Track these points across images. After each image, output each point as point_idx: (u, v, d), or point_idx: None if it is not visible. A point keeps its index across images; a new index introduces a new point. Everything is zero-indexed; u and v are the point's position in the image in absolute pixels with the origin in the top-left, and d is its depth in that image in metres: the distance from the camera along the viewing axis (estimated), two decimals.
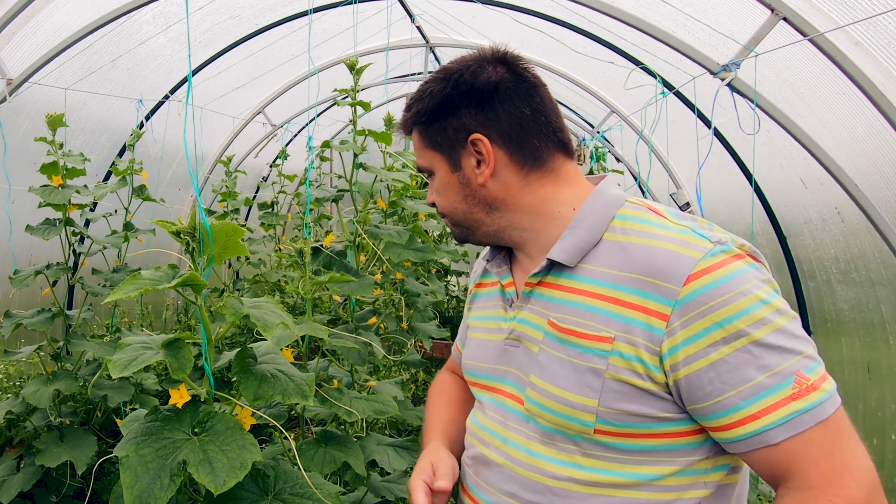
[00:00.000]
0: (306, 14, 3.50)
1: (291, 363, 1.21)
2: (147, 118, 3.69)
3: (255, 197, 5.35)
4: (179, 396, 1.07)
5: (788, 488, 0.79)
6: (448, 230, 5.08)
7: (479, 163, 0.97)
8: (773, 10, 2.08)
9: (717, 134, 2.88)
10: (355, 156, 1.90)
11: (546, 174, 0.98)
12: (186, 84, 2.82)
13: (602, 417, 0.86)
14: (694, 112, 2.84)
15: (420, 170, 1.08)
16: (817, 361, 0.79)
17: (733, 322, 0.78)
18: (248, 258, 4.40)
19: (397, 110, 6.25)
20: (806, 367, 0.78)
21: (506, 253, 1.09)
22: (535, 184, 0.98)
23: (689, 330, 0.80)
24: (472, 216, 1.02)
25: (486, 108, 0.96)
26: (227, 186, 4.27)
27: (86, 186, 2.40)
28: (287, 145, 5.26)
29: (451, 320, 5.63)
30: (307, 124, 5.46)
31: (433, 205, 1.09)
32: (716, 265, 0.81)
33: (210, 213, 4.31)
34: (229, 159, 4.41)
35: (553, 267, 0.95)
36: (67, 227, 2.39)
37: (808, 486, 0.77)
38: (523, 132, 0.96)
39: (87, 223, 3.05)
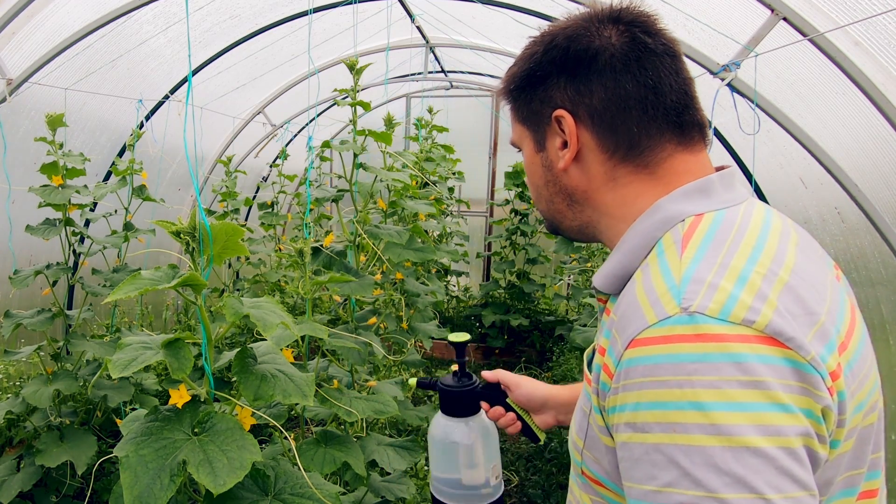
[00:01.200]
0: (306, 14, 3.50)
1: (291, 363, 1.21)
2: (147, 118, 3.69)
3: (255, 197, 5.35)
4: (179, 396, 1.07)
5: None
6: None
7: (564, 144, 0.81)
8: (773, 10, 2.08)
9: (717, 134, 2.88)
10: (355, 156, 1.90)
11: (639, 169, 0.78)
12: (186, 84, 2.82)
13: (585, 461, 0.79)
14: None
15: (514, 145, 0.94)
16: None
17: (644, 412, 0.63)
18: (248, 258, 4.41)
19: (397, 110, 6.27)
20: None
21: None
22: (621, 179, 0.79)
23: (617, 398, 0.67)
24: (554, 206, 0.87)
25: (578, 79, 0.78)
26: (227, 186, 4.27)
27: (86, 186, 2.40)
28: (287, 145, 5.26)
29: (451, 320, 5.63)
30: (307, 124, 5.46)
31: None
32: (660, 339, 0.62)
33: (210, 213, 4.31)
34: (229, 159, 4.41)
35: None
36: (67, 227, 2.39)
37: None
38: (620, 112, 0.77)
39: (87, 223, 3.05)
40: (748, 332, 0.60)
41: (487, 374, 1.22)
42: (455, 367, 1.21)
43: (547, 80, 0.81)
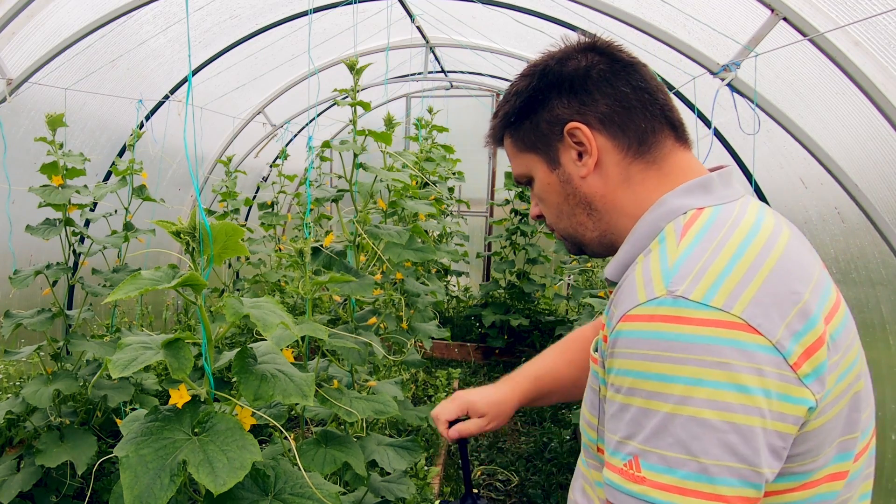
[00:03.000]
0: (306, 14, 3.50)
1: (291, 363, 1.21)
2: (147, 118, 3.69)
3: (255, 197, 5.35)
4: (179, 396, 1.07)
5: None
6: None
7: (580, 155, 0.88)
8: (773, 10, 2.08)
9: (717, 134, 2.88)
10: (355, 156, 1.90)
11: (649, 166, 0.87)
12: (186, 84, 2.82)
13: (601, 437, 0.85)
14: (694, 112, 2.84)
15: (518, 181, 0.99)
16: (670, 471, 0.67)
17: (623, 376, 0.73)
18: (248, 258, 4.41)
19: (397, 110, 6.28)
20: (646, 461, 0.69)
21: None
22: (635, 178, 0.87)
23: (608, 362, 0.77)
24: (576, 220, 0.93)
25: (579, 94, 0.87)
26: (227, 186, 4.27)
27: (86, 186, 2.40)
28: (287, 145, 5.26)
29: (451, 320, 5.63)
30: (307, 124, 5.46)
31: (539, 217, 1.00)
32: (646, 316, 0.71)
33: (210, 213, 4.31)
34: (229, 159, 4.41)
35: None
36: (67, 227, 2.39)
37: None
38: (625, 112, 0.86)
39: (87, 223, 3.05)
40: (724, 318, 0.68)
41: (445, 432, 1.25)
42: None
43: (549, 102, 0.89)
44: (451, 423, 1.25)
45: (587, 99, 0.86)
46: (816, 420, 0.71)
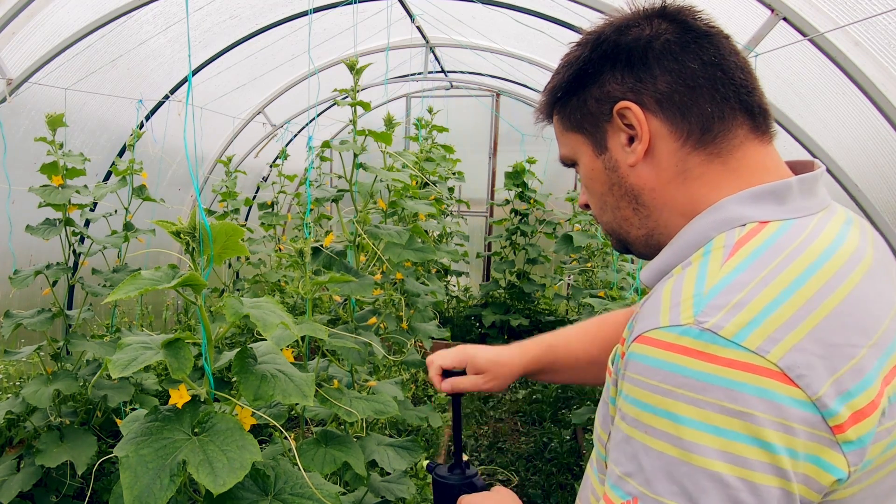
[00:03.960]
0: (306, 14, 3.50)
1: (291, 363, 1.21)
2: (147, 118, 3.69)
3: (255, 197, 5.36)
4: (179, 396, 1.07)
5: None
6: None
7: (630, 140, 0.76)
8: (773, 10, 2.08)
9: None
10: (355, 156, 1.90)
11: (712, 159, 0.73)
12: (186, 84, 2.82)
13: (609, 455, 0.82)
14: None
15: (563, 163, 0.88)
16: None
17: (630, 404, 0.65)
18: (248, 258, 4.41)
19: (397, 110, 6.28)
20: None
21: None
22: (693, 171, 0.73)
23: (619, 384, 0.69)
24: (620, 214, 0.81)
25: (637, 68, 0.74)
26: (227, 186, 4.27)
27: (86, 186, 2.40)
28: (287, 145, 5.26)
29: (451, 320, 5.63)
30: (307, 124, 5.46)
31: (587, 206, 0.88)
32: (664, 344, 0.62)
33: (210, 213, 4.31)
34: (229, 159, 4.41)
35: None
36: (67, 227, 2.39)
37: None
38: (689, 92, 0.72)
39: (87, 223, 3.05)
40: (756, 362, 0.58)
41: (445, 385, 1.16)
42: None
43: (601, 76, 0.76)
44: (447, 375, 1.16)
45: (645, 75, 0.73)
46: (847, 490, 0.61)
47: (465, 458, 1.17)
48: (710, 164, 0.73)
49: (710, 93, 0.72)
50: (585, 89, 0.78)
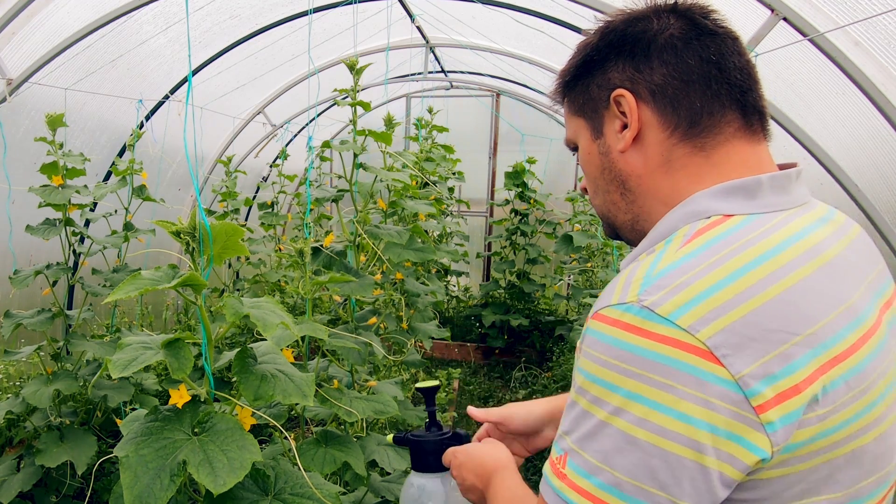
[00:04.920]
0: (306, 14, 3.50)
1: (291, 363, 1.21)
2: (147, 118, 3.69)
3: (255, 197, 5.35)
4: (179, 396, 1.07)
5: None
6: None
7: (624, 127, 0.80)
8: (773, 10, 2.08)
9: None
10: (355, 156, 1.90)
11: (696, 152, 0.76)
12: (186, 84, 2.82)
13: None
14: None
15: (567, 146, 0.93)
16: (589, 477, 0.66)
17: (577, 373, 0.71)
18: (248, 258, 4.41)
19: (397, 110, 6.26)
20: (572, 461, 0.68)
21: None
22: (677, 162, 0.77)
23: (577, 356, 0.75)
24: (609, 198, 0.85)
25: (637, 59, 0.78)
26: (227, 186, 4.27)
27: (86, 186, 2.40)
28: (287, 145, 5.26)
29: (451, 320, 5.63)
30: (307, 124, 5.46)
31: (585, 190, 0.93)
32: (609, 320, 0.68)
33: (210, 213, 4.31)
34: (229, 159, 4.41)
35: None
36: (67, 227, 2.39)
37: None
38: (682, 87, 0.76)
39: (87, 223, 3.05)
40: (685, 339, 0.62)
41: (477, 414, 1.17)
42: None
43: (605, 63, 0.81)
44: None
45: (643, 66, 0.77)
46: (773, 471, 0.64)
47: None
48: (694, 157, 0.77)
49: (702, 89, 0.75)
50: (590, 75, 0.83)
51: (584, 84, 0.84)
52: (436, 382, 1.16)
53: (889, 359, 0.71)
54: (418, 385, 1.15)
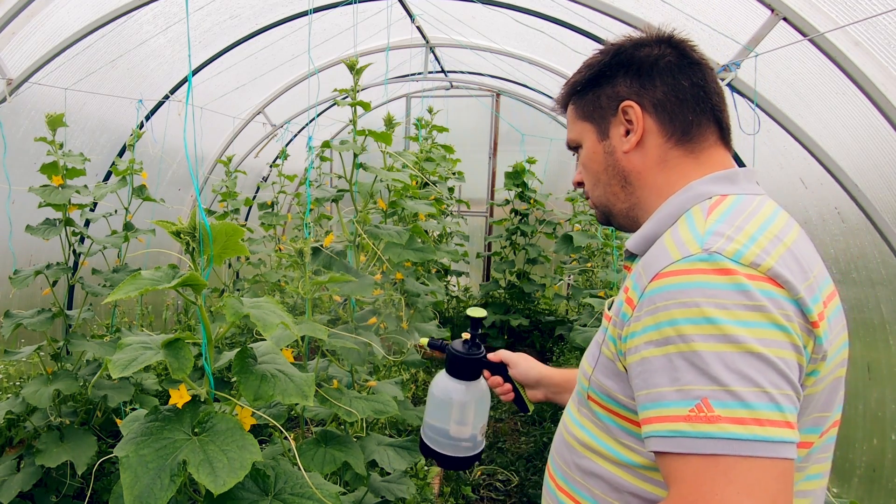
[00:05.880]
0: (306, 14, 3.50)
1: (291, 363, 1.21)
2: (147, 118, 3.69)
3: (255, 197, 5.35)
4: (179, 396, 1.07)
5: (664, 500, 0.78)
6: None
7: (627, 132, 0.98)
8: (773, 10, 2.08)
9: None
10: (355, 156, 1.90)
11: (686, 154, 0.95)
12: (186, 84, 2.82)
13: (592, 385, 0.96)
14: None
15: (569, 145, 1.09)
16: (744, 405, 0.71)
17: (667, 328, 0.77)
18: (248, 258, 4.41)
19: (397, 110, 6.26)
20: (717, 400, 0.72)
21: None
22: (671, 162, 0.96)
23: (639, 324, 0.81)
24: (610, 190, 1.02)
25: (643, 77, 0.96)
26: (227, 186, 4.27)
27: (86, 186, 2.40)
28: (287, 145, 5.26)
29: (451, 320, 5.63)
30: (307, 124, 5.46)
31: (579, 184, 1.10)
32: (683, 270, 0.78)
33: (210, 213, 4.31)
34: (229, 159, 4.41)
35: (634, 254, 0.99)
36: (67, 227, 2.39)
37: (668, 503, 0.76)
38: (678, 103, 0.95)
39: (87, 223, 3.05)
40: (753, 272, 0.76)
41: (492, 356, 1.39)
42: (466, 336, 1.31)
43: (614, 79, 0.99)
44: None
45: (648, 83, 0.96)
46: (812, 388, 0.79)
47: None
48: (685, 158, 0.96)
49: (692, 106, 0.95)
50: (600, 87, 1.01)
51: (594, 94, 1.01)
52: (484, 312, 1.33)
53: (842, 312, 0.89)
54: (468, 312, 1.32)
